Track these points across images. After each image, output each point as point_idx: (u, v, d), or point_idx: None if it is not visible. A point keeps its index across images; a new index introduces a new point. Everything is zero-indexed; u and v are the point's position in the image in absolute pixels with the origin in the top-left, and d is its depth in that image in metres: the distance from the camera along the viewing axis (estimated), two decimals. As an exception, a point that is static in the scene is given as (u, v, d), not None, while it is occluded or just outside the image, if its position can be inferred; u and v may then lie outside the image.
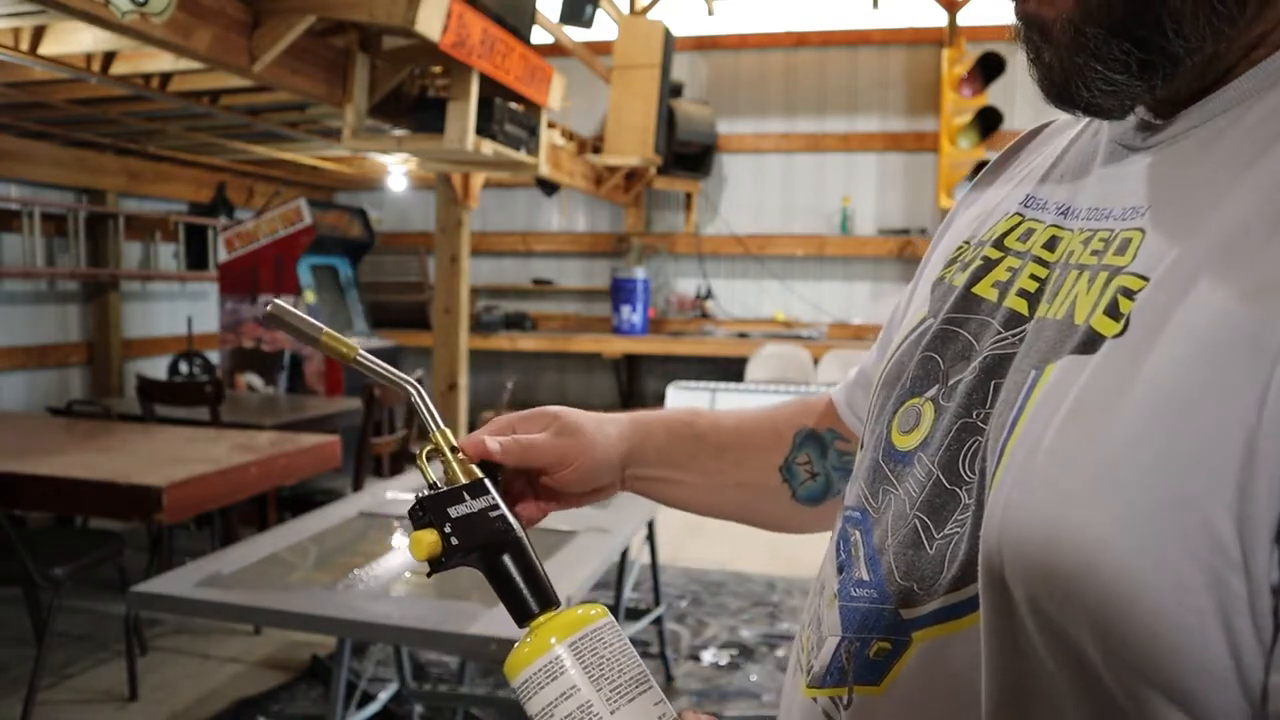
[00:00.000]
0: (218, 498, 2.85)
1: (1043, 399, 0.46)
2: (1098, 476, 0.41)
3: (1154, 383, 0.41)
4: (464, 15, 3.30)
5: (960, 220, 0.68)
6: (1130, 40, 0.47)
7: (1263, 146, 0.45)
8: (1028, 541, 0.43)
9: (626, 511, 2.51)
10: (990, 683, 0.46)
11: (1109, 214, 0.52)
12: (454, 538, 0.62)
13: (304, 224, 5.76)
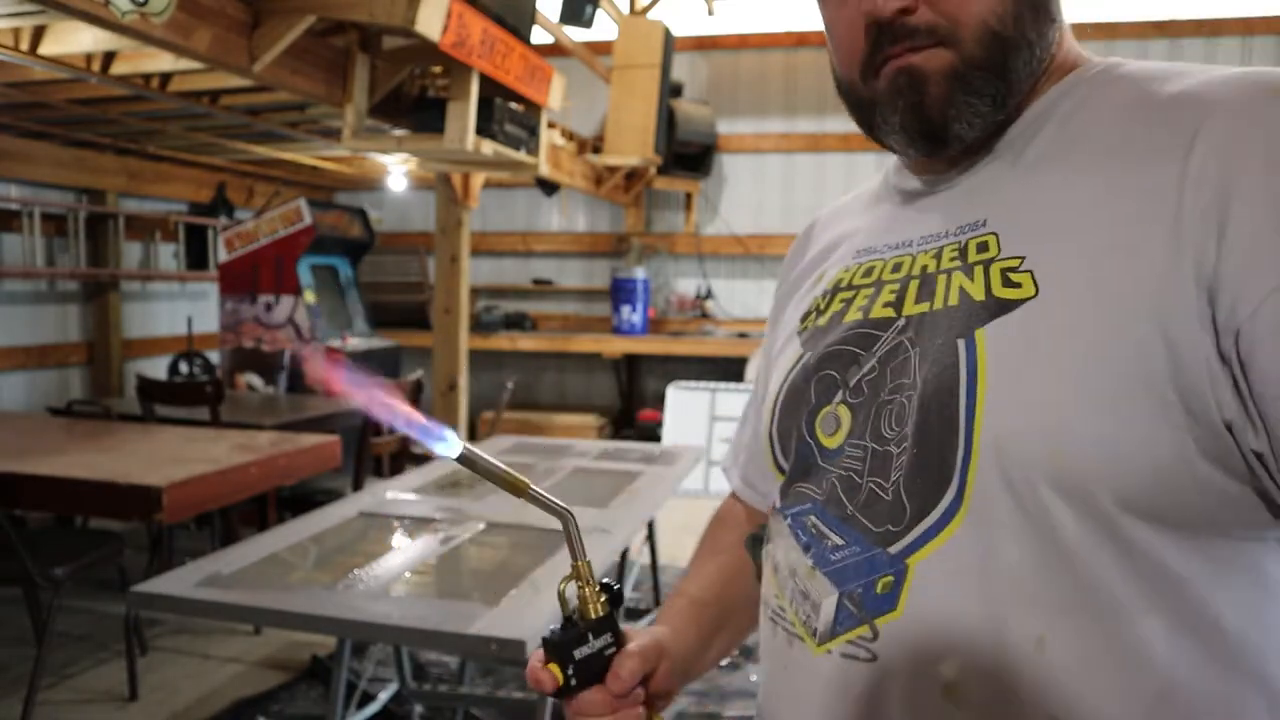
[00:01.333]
0: (218, 498, 2.85)
1: (994, 352, 0.61)
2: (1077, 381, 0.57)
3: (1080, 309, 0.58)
4: (464, 15, 3.30)
5: (790, 305, 0.85)
6: (1002, 79, 0.66)
7: (1067, 147, 0.65)
8: (1043, 441, 0.58)
9: (626, 511, 2.51)
10: (996, 564, 0.59)
11: (946, 234, 0.70)
12: (574, 679, 0.71)
13: (304, 224, 5.76)
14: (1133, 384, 0.56)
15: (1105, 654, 0.58)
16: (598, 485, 2.94)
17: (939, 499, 0.61)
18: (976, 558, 0.60)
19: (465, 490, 2.78)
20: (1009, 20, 0.65)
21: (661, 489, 2.84)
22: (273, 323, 5.81)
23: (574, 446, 3.55)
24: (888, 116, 0.73)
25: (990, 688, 0.59)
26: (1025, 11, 0.66)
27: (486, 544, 2.29)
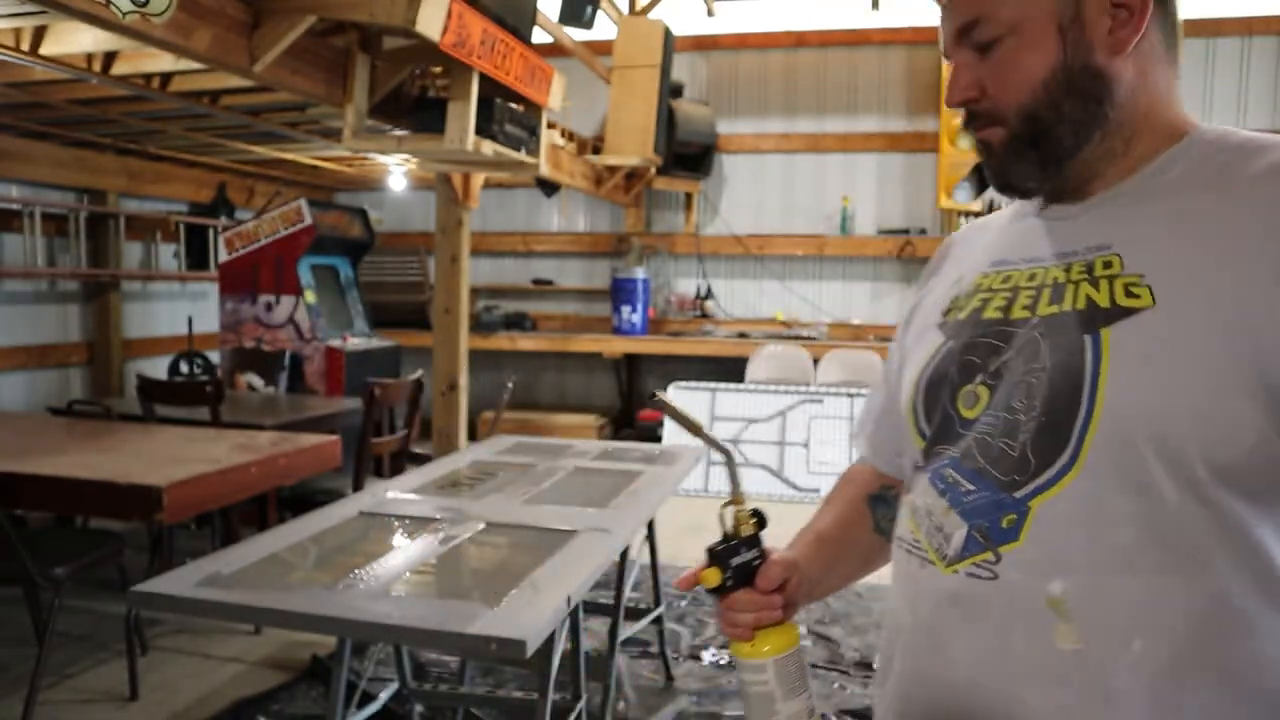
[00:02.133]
0: (218, 498, 2.85)
1: (1116, 346, 0.77)
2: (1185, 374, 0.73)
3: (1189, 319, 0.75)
4: (464, 15, 3.30)
5: (928, 300, 1.02)
6: (1043, 148, 0.85)
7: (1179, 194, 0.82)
8: (1153, 417, 0.74)
9: (626, 511, 2.51)
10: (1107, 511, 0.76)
11: (1075, 253, 0.86)
12: (730, 580, 0.96)
13: (304, 224, 5.76)
14: (1228, 379, 0.73)
15: (1182, 590, 0.74)
16: (598, 485, 2.94)
17: (1058, 456, 0.78)
18: (1086, 505, 0.77)
19: (465, 490, 2.78)
20: (1044, 106, 0.85)
21: (661, 489, 2.84)
22: (273, 323, 5.81)
23: (574, 446, 3.55)
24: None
25: (1087, 604, 0.77)
26: (1064, 99, 0.84)
27: (486, 544, 2.29)
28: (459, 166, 4.65)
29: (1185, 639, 0.74)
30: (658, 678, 3.34)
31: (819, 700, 3.14)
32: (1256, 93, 6.94)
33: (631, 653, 3.51)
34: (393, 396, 3.88)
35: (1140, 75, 0.88)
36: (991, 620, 0.81)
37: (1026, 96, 0.85)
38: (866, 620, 3.90)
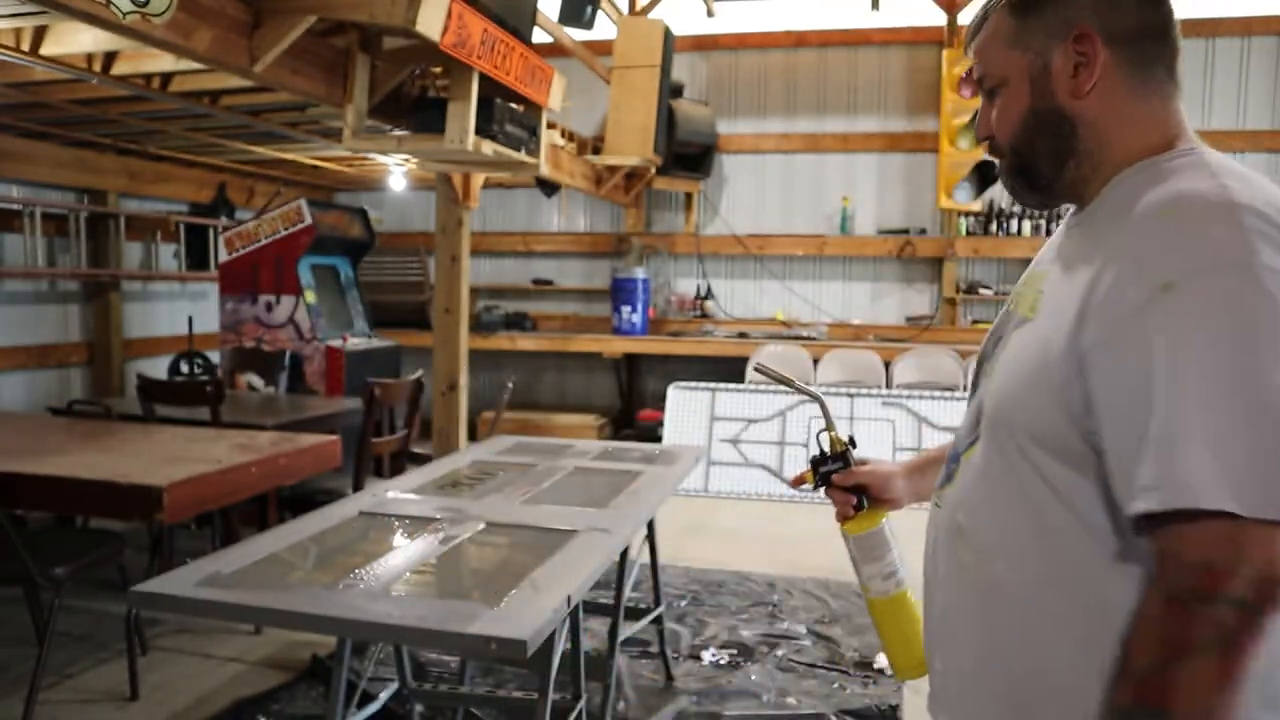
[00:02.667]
0: (218, 498, 2.85)
1: (1005, 347, 1.06)
2: (1021, 371, 1.00)
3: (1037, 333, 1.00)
4: (464, 15, 3.30)
5: None
6: (1027, 176, 1.10)
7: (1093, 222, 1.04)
8: (1002, 402, 1.03)
9: (626, 511, 2.51)
10: (985, 465, 1.05)
11: (1044, 263, 1.10)
12: (819, 481, 1.39)
13: (304, 224, 5.76)
14: (1038, 379, 0.97)
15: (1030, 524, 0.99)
16: (598, 485, 2.94)
17: (976, 426, 1.09)
18: (981, 461, 1.06)
19: (465, 490, 2.78)
20: (1023, 146, 1.08)
21: (661, 489, 2.84)
22: (273, 323, 5.81)
23: (574, 446, 3.55)
24: None
25: (974, 531, 1.06)
26: (1038, 138, 1.06)
27: (486, 544, 2.29)
28: (459, 166, 4.66)
29: (1036, 561, 0.99)
30: (658, 678, 3.34)
31: (819, 700, 3.14)
32: (1256, 93, 6.94)
33: (631, 653, 3.51)
34: (393, 396, 3.88)
35: (1103, 112, 1.04)
36: (935, 539, 1.15)
37: (1012, 135, 1.08)
38: (866, 620, 3.90)
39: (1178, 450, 0.83)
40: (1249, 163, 6.95)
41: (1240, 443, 0.81)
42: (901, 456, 6.19)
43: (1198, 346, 0.84)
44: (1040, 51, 1.05)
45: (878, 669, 3.40)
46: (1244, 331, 0.83)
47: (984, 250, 7.29)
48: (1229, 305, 0.84)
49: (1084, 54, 1.03)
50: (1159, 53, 1.10)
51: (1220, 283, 0.85)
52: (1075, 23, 1.03)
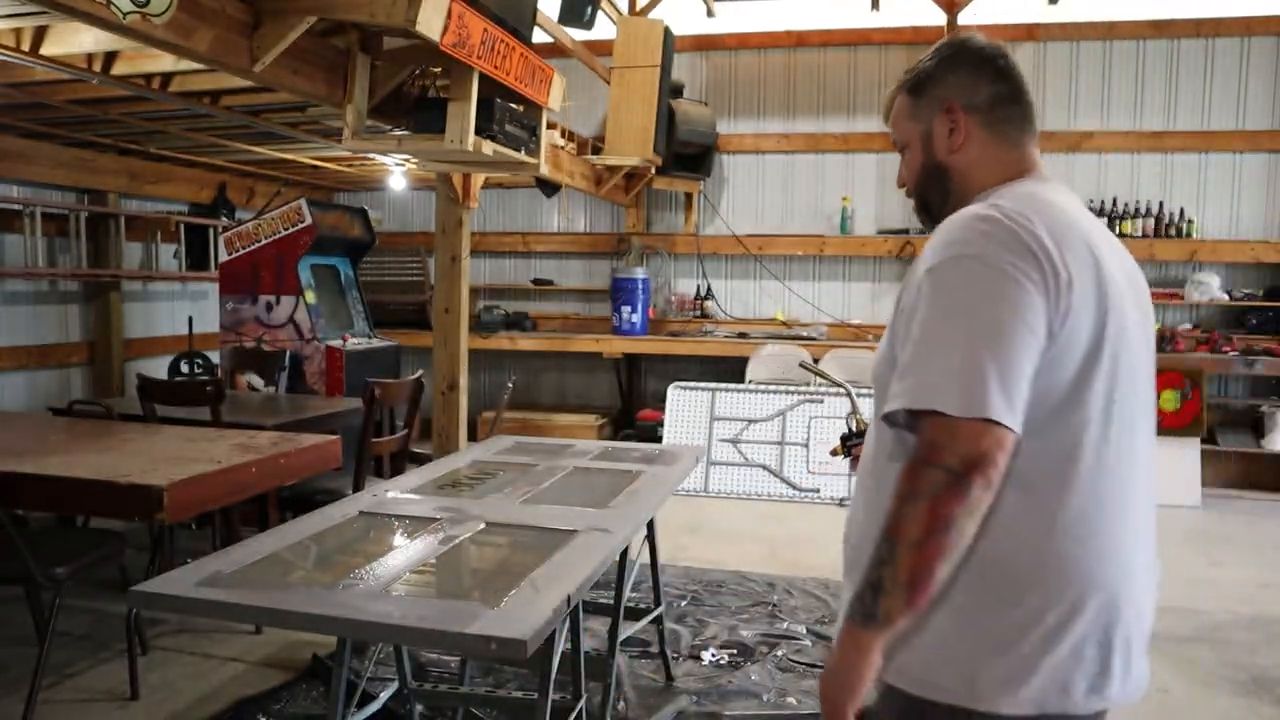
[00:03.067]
0: (218, 498, 2.85)
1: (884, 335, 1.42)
2: (881, 356, 1.39)
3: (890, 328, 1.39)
4: (464, 16, 3.30)
5: None
6: (925, 213, 1.49)
7: None
8: (874, 377, 1.41)
9: (626, 511, 2.51)
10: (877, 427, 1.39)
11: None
12: (845, 454, 1.92)
13: (304, 224, 5.77)
14: (888, 362, 1.32)
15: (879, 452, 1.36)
16: (598, 485, 2.95)
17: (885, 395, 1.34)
18: (874, 424, 1.39)
19: (465, 490, 2.79)
20: (922, 191, 1.48)
21: (661, 489, 2.84)
22: (273, 323, 5.81)
23: (574, 446, 3.55)
24: None
25: (864, 482, 1.41)
26: (930, 186, 1.46)
27: (486, 544, 2.29)
28: (459, 166, 4.66)
29: (886, 476, 1.29)
30: (658, 678, 3.34)
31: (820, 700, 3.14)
32: (1256, 93, 6.94)
33: (631, 653, 3.51)
34: (393, 396, 3.88)
35: (969, 162, 1.42)
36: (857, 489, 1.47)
37: (915, 183, 1.48)
38: (866, 620, 3.90)
39: (913, 372, 1.23)
40: (1248, 163, 6.97)
41: (950, 365, 1.19)
42: (901, 456, 6.19)
43: (933, 306, 1.24)
44: (925, 121, 1.45)
45: (878, 669, 3.40)
46: (957, 294, 1.23)
47: (984, 250, 7.28)
48: (953, 278, 1.24)
49: (954, 122, 1.42)
50: (1010, 114, 1.42)
51: (950, 264, 1.24)
52: (946, 100, 1.42)
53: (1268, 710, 3.16)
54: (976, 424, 1.16)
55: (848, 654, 1.24)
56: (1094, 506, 1.24)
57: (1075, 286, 1.21)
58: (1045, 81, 7.24)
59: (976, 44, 1.43)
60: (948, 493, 1.15)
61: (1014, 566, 1.23)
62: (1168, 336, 6.71)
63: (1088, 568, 1.23)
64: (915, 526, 1.16)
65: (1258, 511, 6.07)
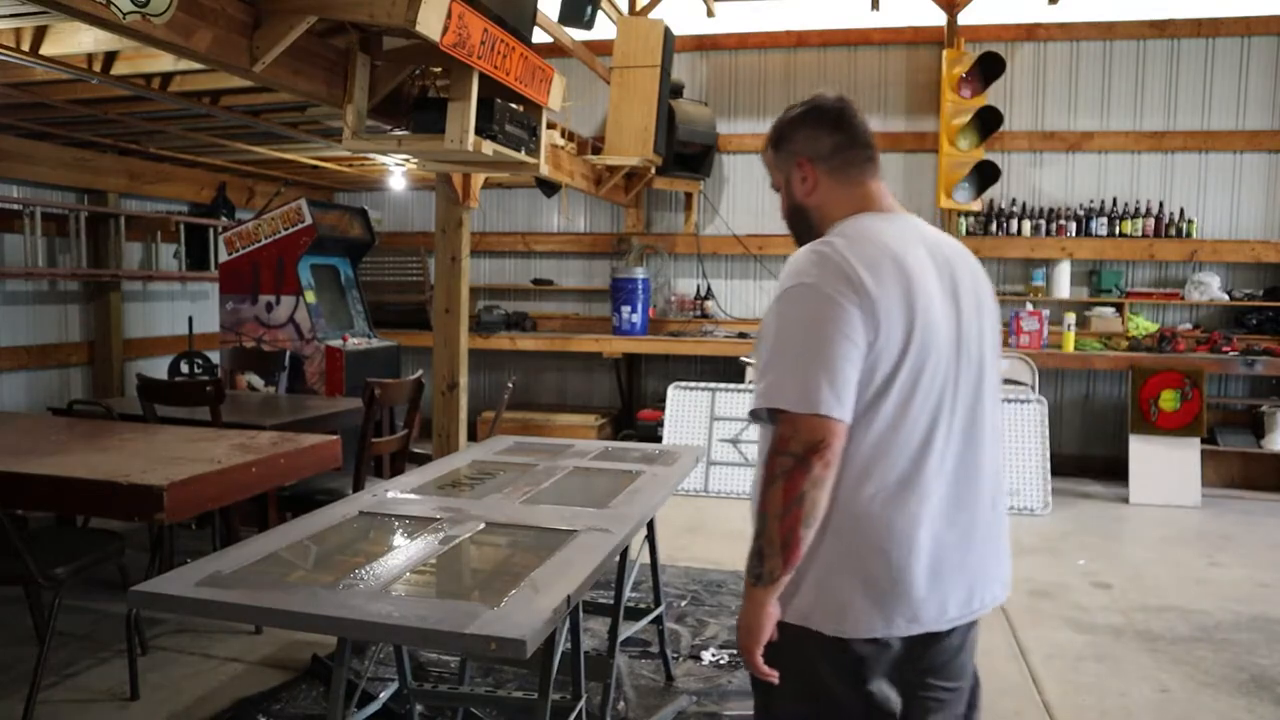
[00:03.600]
0: (218, 497, 2.85)
1: None
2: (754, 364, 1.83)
3: None
4: (464, 16, 3.30)
5: None
6: (798, 243, 1.72)
7: None
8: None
9: (626, 511, 2.51)
10: None
11: None
12: None
13: (304, 224, 5.77)
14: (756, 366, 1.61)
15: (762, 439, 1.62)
16: (598, 485, 2.95)
17: None
18: None
19: (465, 490, 2.79)
20: (789, 224, 1.81)
21: (661, 489, 2.84)
22: (273, 323, 5.81)
23: (574, 446, 3.55)
24: None
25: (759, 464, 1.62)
26: (796, 221, 1.79)
27: (486, 544, 2.29)
28: (459, 166, 4.66)
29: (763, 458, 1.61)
30: (658, 678, 3.34)
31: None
32: (1256, 93, 6.94)
33: (631, 653, 3.51)
34: (393, 396, 3.88)
35: (821, 202, 1.75)
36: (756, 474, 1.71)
37: (786, 218, 1.83)
38: (866, 620, 3.90)
39: (764, 377, 1.56)
40: (1248, 162, 6.98)
41: (788, 370, 1.52)
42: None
43: (779, 323, 1.57)
44: (785, 171, 1.80)
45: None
46: (795, 314, 1.55)
47: (984, 250, 7.28)
48: (790, 301, 1.57)
49: (805, 173, 1.76)
50: (850, 158, 1.75)
51: (791, 291, 1.57)
52: (797, 155, 1.77)
53: (1268, 710, 3.16)
54: (813, 418, 1.49)
55: (749, 609, 1.57)
56: (907, 471, 1.56)
57: (882, 304, 1.53)
58: (1045, 81, 7.24)
59: (819, 103, 1.79)
60: (796, 472, 1.48)
61: (855, 524, 1.56)
62: (1168, 336, 6.71)
63: (904, 523, 1.56)
64: (776, 502, 1.50)
65: (1257, 511, 6.07)
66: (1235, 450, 6.66)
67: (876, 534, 1.55)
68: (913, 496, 1.56)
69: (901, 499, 1.56)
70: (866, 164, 1.76)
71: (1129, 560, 4.98)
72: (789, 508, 1.49)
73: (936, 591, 1.58)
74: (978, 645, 1.75)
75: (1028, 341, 6.86)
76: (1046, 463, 6.08)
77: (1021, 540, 5.29)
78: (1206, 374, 6.27)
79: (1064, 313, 6.88)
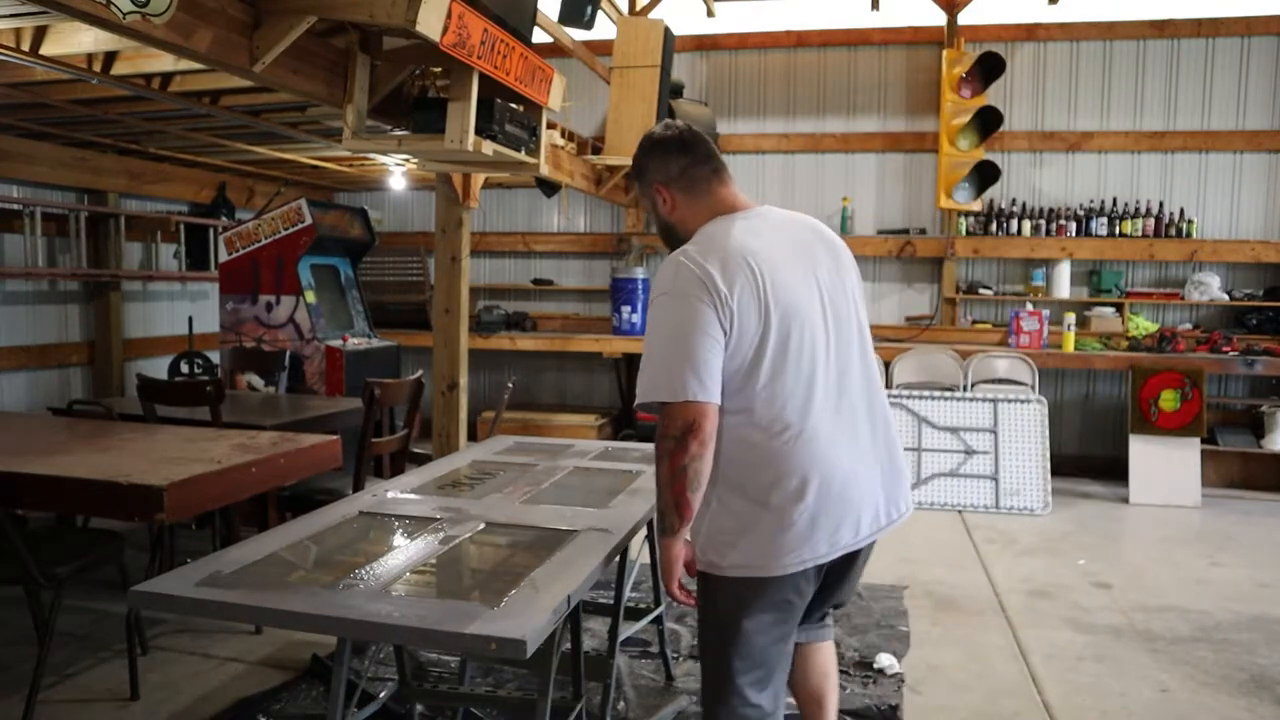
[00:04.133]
0: (218, 498, 2.85)
1: None
2: None
3: None
4: (464, 16, 3.30)
5: None
6: (669, 249, 2.06)
7: None
8: None
9: (626, 511, 2.51)
10: None
11: None
12: None
13: (304, 224, 5.76)
14: None
15: None
16: (598, 485, 2.95)
17: None
18: None
19: (465, 490, 2.79)
20: (660, 235, 2.15)
21: (661, 489, 2.84)
22: (273, 322, 5.81)
23: (574, 446, 3.55)
24: None
25: None
26: (665, 234, 2.12)
27: (486, 544, 2.29)
28: (459, 166, 4.65)
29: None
30: (658, 678, 3.34)
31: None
32: (1256, 93, 6.94)
33: (631, 653, 3.51)
34: (393, 396, 3.88)
35: (682, 216, 2.07)
36: None
37: (658, 232, 2.16)
38: (867, 620, 3.91)
39: (643, 374, 1.88)
40: (1248, 162, 6.97)
41: (661, 367, 1.85)
42: (901, 456, 6.21)
43: (652, 326, 1.90)
44: (650, 196, 2.11)
45: (877, 669, 3.40)
46: (662, 317, 1.89)
47: (984, 250, 7.29)
48: (658, 309, 1.90)
49: (663, 195, 2.08)
50: (699, 174, 2.05)
51: (655, 300, 1.91)
52: (653, 182, 2.08)
53: (1268, 710, 3.16)
54: (684, 405, 1.82)
55: (663, 554, 1.93)
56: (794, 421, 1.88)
57: (735, 298, 1.85)
58: (1045, 81, 7.24)
59: (660, 135, 2.09)
60: (676, 451, 1.82)
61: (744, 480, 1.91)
62: (1167, 336, 6.71)
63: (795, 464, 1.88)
64: (665, 475, 1.85)
65: (1257, 511, 6.07)
66: (1235, 450, 6.66)
67: (775, 473, 1.88)
68: (800, 439, 1.88)
69: (793, 442, 1.88)
70: (712, 176, 2.05)
71: (1129, 560, 4.98)
72: (675, 479, 1.83)
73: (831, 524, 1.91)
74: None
75: (1028, 341, 6.85)
76: (1046, 463, 6.08)
77: (1021, 540, 5.29)
78: (1206, 374, 6.27)
79: (1064, 313, 6.88)
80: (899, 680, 3.34)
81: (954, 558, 4.89)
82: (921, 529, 5.39)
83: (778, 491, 1.87)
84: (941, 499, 6.06)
